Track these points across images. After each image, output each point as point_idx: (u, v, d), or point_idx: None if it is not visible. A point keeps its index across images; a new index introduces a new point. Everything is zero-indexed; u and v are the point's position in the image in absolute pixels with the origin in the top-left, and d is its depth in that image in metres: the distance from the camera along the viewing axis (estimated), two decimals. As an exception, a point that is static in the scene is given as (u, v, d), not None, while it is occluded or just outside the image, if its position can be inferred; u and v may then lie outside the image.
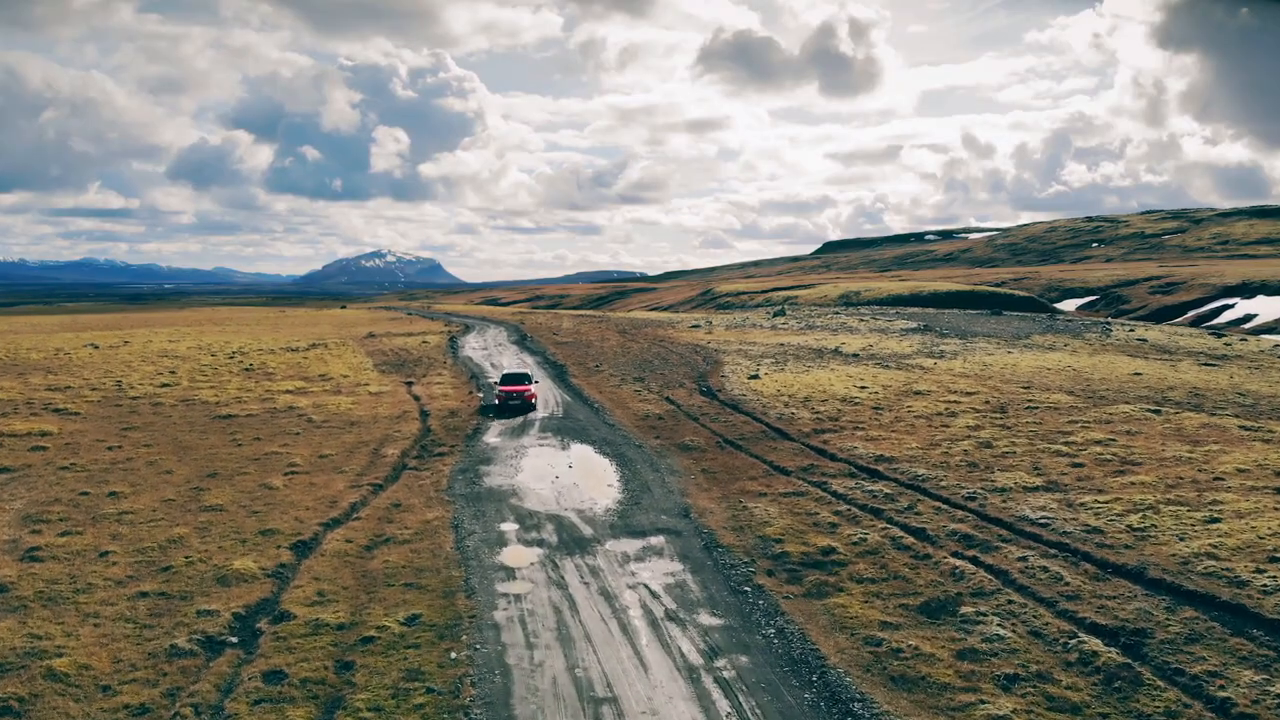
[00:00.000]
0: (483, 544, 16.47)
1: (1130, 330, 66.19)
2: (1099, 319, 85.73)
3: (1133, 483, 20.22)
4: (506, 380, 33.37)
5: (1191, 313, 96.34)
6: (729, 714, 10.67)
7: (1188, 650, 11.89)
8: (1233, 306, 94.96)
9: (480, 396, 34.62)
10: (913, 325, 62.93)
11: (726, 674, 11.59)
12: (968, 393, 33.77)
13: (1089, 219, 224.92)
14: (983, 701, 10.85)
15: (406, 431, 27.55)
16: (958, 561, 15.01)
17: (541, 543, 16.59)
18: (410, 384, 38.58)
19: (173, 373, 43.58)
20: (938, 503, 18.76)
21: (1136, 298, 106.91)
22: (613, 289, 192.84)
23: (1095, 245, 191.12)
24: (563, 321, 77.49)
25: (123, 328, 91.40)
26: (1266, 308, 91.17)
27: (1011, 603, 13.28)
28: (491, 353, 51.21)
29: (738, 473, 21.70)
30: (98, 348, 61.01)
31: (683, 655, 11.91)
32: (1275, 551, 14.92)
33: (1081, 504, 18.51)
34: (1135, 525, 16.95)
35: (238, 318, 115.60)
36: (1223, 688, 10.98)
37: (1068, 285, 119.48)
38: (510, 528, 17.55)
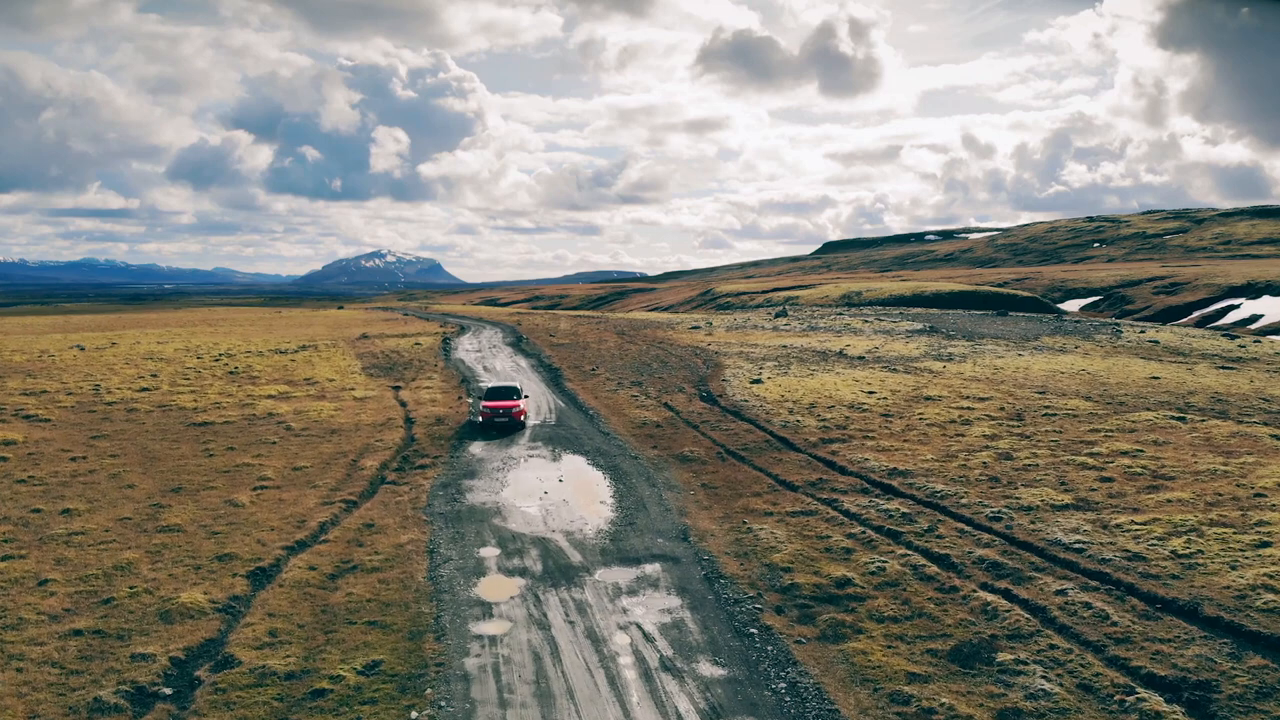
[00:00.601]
0: (459, 573, 14.87)
1: (1141, 332, 64.61)
2: (1106, 320, 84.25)
3: (1169, 500, 18.64)
4: (492, 394, 29.26)
5: (1197, 313, 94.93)
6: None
7: (1262, 708, 10.31)
8: (1238, 307, 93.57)
9: (470, 402, 33.02)
10: (918, 326, 61.35)
11: (731, 739, 10.02)
12: (981, 398, 32.20)
13: (1090, 219, 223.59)
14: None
15: (389, 441, 25.97)
16: (989, 596, 13.43)
17: (524, 572, 14.98)
18: (398, 388, 37.01)
19: (154, 376, 42.07)
20: (960, 524, 17.17)
21: (1141, 298, 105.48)
22: (612, 289, 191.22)
23: (1097, 245, 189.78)
24: (560, 323, 75.90)
25: (114, 329, 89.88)
26: (1273, 308, 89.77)
27: (1054, 647, 11.69)
28: (485, 355, 49.63)
29: (740, 488, 20.11)
30: (83, 349, 59.57)
31: (680, 718, 10.31)
32: (1342, 584, 13.34)
33: (1117, 525, 16.93)
34: (1180, 551, 15.36)
35: (232, 318, 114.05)
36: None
37: (1071, 285, 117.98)
38: (491, 553, 15.94)
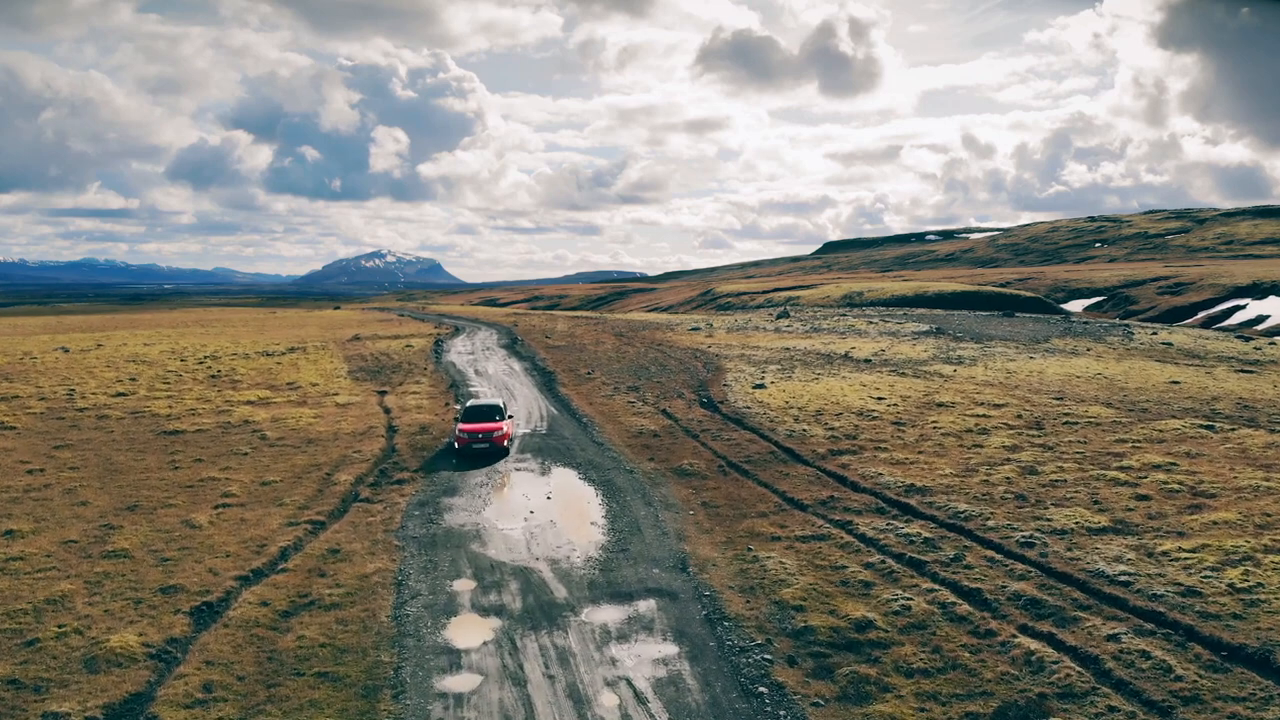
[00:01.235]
0: (427, 612, 13.20)
1: (1153, 333, 62.91)
2: (1115, 321, 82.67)
3: (1215, 522, 16.96)
4: (470, 415, 25.07)
5: (1202, 314, 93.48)
6: None
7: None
8: (1244, 307, 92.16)
9: (458, 409, 31.32)
10: (924, 328, 59.67)
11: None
12: (996, 405, 30.53)
13: (1091, 219, 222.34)
14: None
15: (367, 452, 24.29)
16: (1031, 642, 11.75)
17: (501, 610, 13.28)
18: (383, 393, 35.34)
19: (133, 380, 40.44)
20: (989, 551, 15.48)
21: (1145, 298, 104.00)
22: (612, 289, 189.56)
23: (1098, 245, 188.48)
24: (557, 323, 74.22)
25: (105, 329, 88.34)
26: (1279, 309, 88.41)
27: (1114, 710, 10.03)
28: (478, 358, 47.94)
29: (745, 507, 18.42)
30: (68, 351, 58.09)
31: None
32: None
33: (1163, 553, 15.25)
34: (1237, 584, 13.69)
35: (226, 319, 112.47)
36: None
37: (1074, 286, 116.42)
38: (465, 587, 14.25)
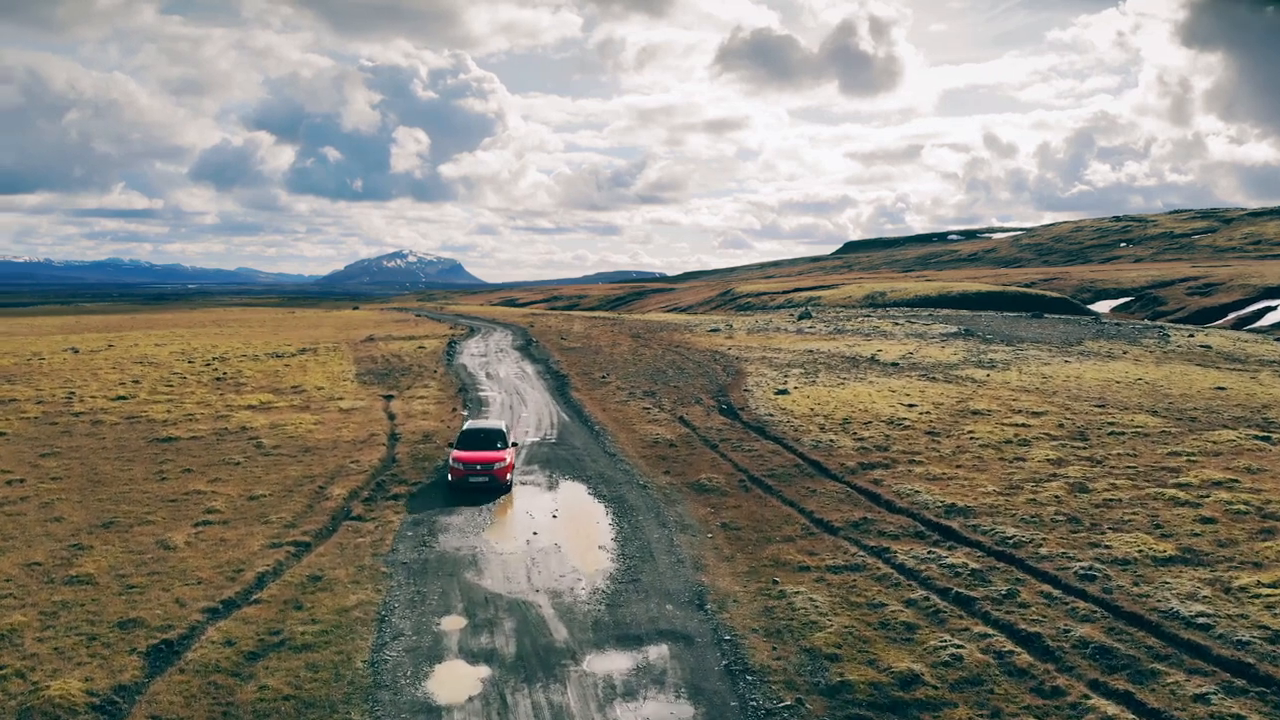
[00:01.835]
0: (409, 657, 11.65)
1: (1190, 336, 60.60)
2: (1147, 323, 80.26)
3: (1295, 550, 15.17)
4: (468, 440, 21.37)
5: (1232, 315, 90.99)
6: None
7: None
8: (1276, 309, 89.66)
9: (465, 415, 29.84)
10: (952, 329, 57.69)
11: None
12: (1035, 413, 28.71)
13: (1116, 218, 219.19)
14: None
15: (365, 462, 22.83)
16: (1107, 704, 10.06)
17: (492, 656, 11.70)
18: (390, 398, 33.92)
19: (136, 382, 39.29)
20: (1045, 585, 13.77)
21: (1174, 299, 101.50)
22: (631, 289, 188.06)
23: (1123, 245, 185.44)
24: (573, 324, 72.74)
25: (120, 329, 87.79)
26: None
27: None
28: (490, 360, 46.50)
29: (769, 529, 16.77)
30: (77, 352, 57.29)
31: None
32: None
33: (1241, 588, 13.49)
34: (1336, 628, 11.93)
35: (243, 319, 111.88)
36: None
37: (1101, 286, 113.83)
38: (454, 625, 12.69)
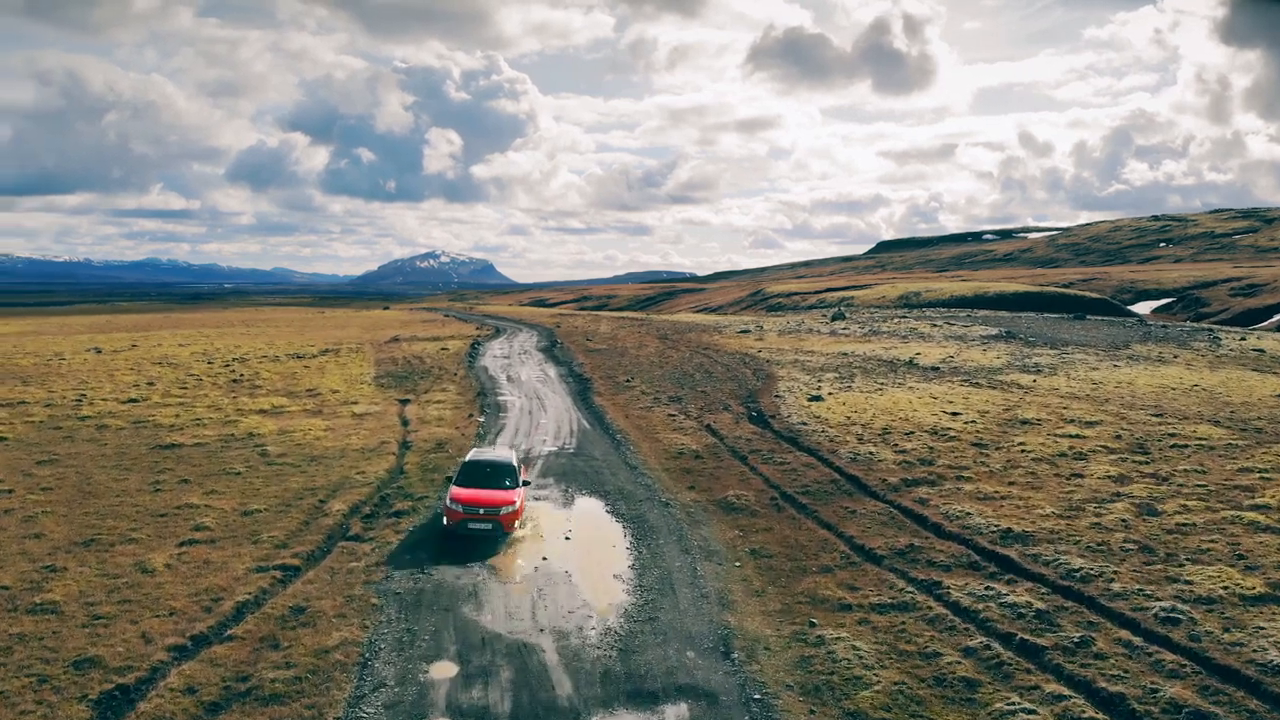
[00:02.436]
0: (386, 715, 10.13)
1: (1241, 339, 57.84)
2: (1195, 325, 77.36)
3: (1407, 589, 13.25)
4: (470, 475, 17.76)
5: (1278, 316, 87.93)
6: None
7: None
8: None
9: (481, 421, 28.42)
10: (993, 331, 55.45)
11: None
12: (1089, 422, 26.74)
13: (1155, 218, 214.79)
14: None
15: (371, 474, 21.43)
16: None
17: (484, 715, 10.15)
18: (406, 402, 32.62)
19: (150, 384, 38.41)
20: (1123, 630, 11.99)
21: (1217, 300, 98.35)
22: (661, 289, 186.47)
23: (1163, 245, 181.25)
24: (600, 325, 71.31)
25: (148, 329, 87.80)
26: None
27: None
28: (512, 362, 45.12)
29: (804, 557, 15.09)
30: (99, 352, 56.89)
31: None
32: None
33: (1356, 637, 11.63)
34: None
35: (273, 319, 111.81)
36: None
37: (1141, 287, 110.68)
38: (444, 673, 11.13)
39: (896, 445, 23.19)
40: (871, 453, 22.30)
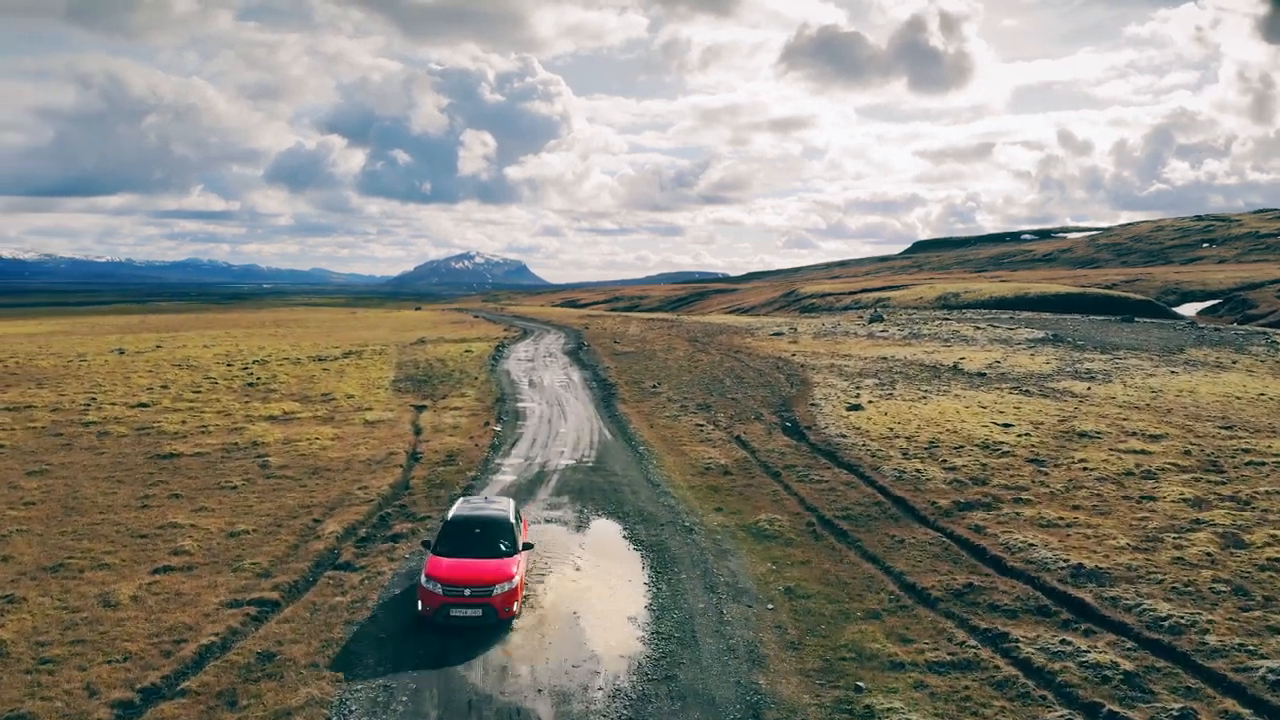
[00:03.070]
0: (345, 806, 8.51)
1: (1304, 342, 54.85)
2: (1247, 329, 74.04)
3: None
4: (454, 537, 13.89)
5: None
6: None
7: None
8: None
9: (497, 430, 26.81)
10: (1039, 334, 52.93)
11: None
12: (1152, 436, 24.57)
13: (1198, 218, 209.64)
14: None
15: (374, 489, 19.86)
16: None
17: (460, 810, 8.48)
18: (421, 409, 31.11)
19: (165, 387, 37.37)
20: (1228, 700, 10.01)
21: (1264, 302, 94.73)
22: (692, 290, 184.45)
23: (1206, 245, 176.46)
24: (629, 326, 69.59)
25: (178, 329, 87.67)
26: None
27: None
28: (536, 366, 43.52)
29: (847, 599, 13.20)
30: (122, 353, 56.33)
31: None
32: None
33: None
34: None
35: (304, 319, 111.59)
36: None
37: (1186, 288, 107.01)
38: (420, 750, 9.51)
39: (945, 461, 21.20)
40: (918, 470, 20.32)
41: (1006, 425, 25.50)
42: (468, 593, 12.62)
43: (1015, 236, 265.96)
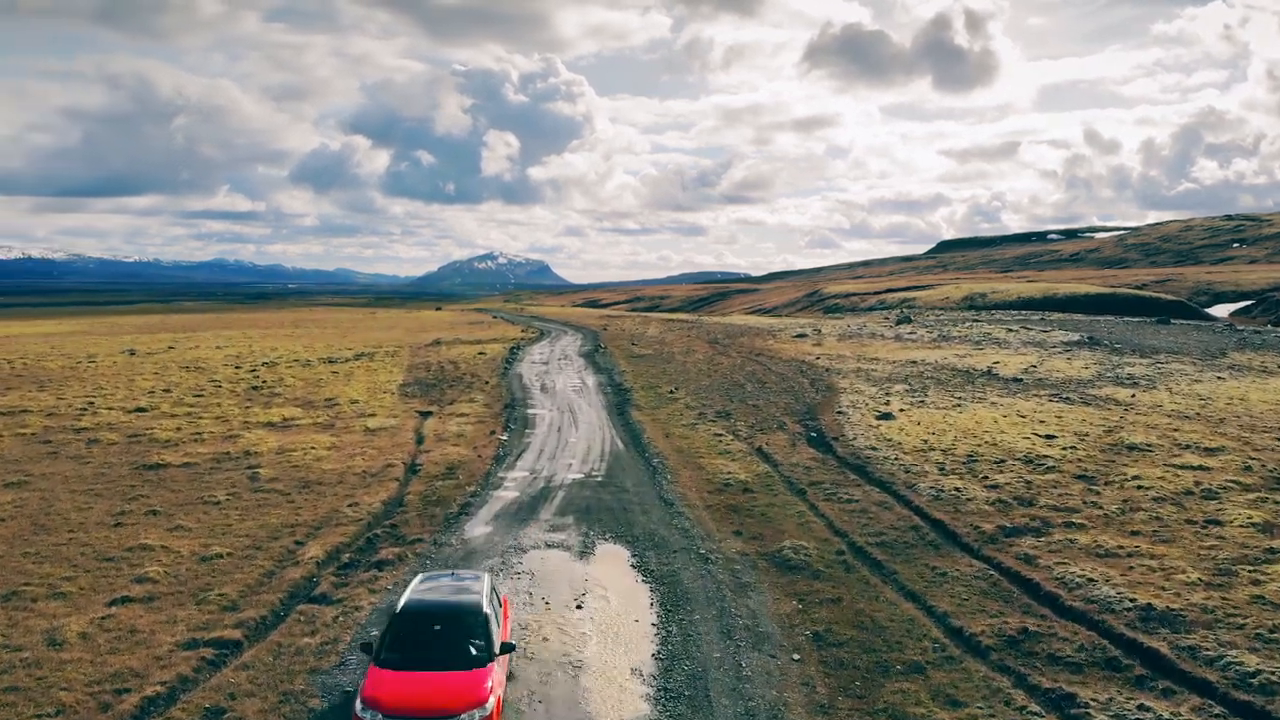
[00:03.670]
0: None
1: (1351, 345, 52.36)
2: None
3: None
4: (403, 639, 10.26)
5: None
6: None
7: None
8: None
9: (503, 440, 25.30)
10: (1074, 337, 50.79)
11: None
12: (1208, 449, 22.67)
13: (1228, 217, 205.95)
14: None
15: (365, 507, 18.38)
16: None
17: None
18: (427, 415, 29.69)
19: (167, 391, 36.30)
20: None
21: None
22: (714, 290, 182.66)
23: (1236, 245, 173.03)
24: (648, 328, 68.03)
25: (196, 329, 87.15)
26: None
27: None
28: (550, 369, 42.03)
29: (884, 646, 11.50)
30: (133, 354, 55.55)
31: None
32: None
33: None
34: None
35: (322, 319, 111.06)
36: None
37: (1218, 288, 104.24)
38: None
39: (986, 478, 19.43)
40: (958, 489, 18.57)
41: (1049, 437, 23.66)
42: None
43: (1041, 236, 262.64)
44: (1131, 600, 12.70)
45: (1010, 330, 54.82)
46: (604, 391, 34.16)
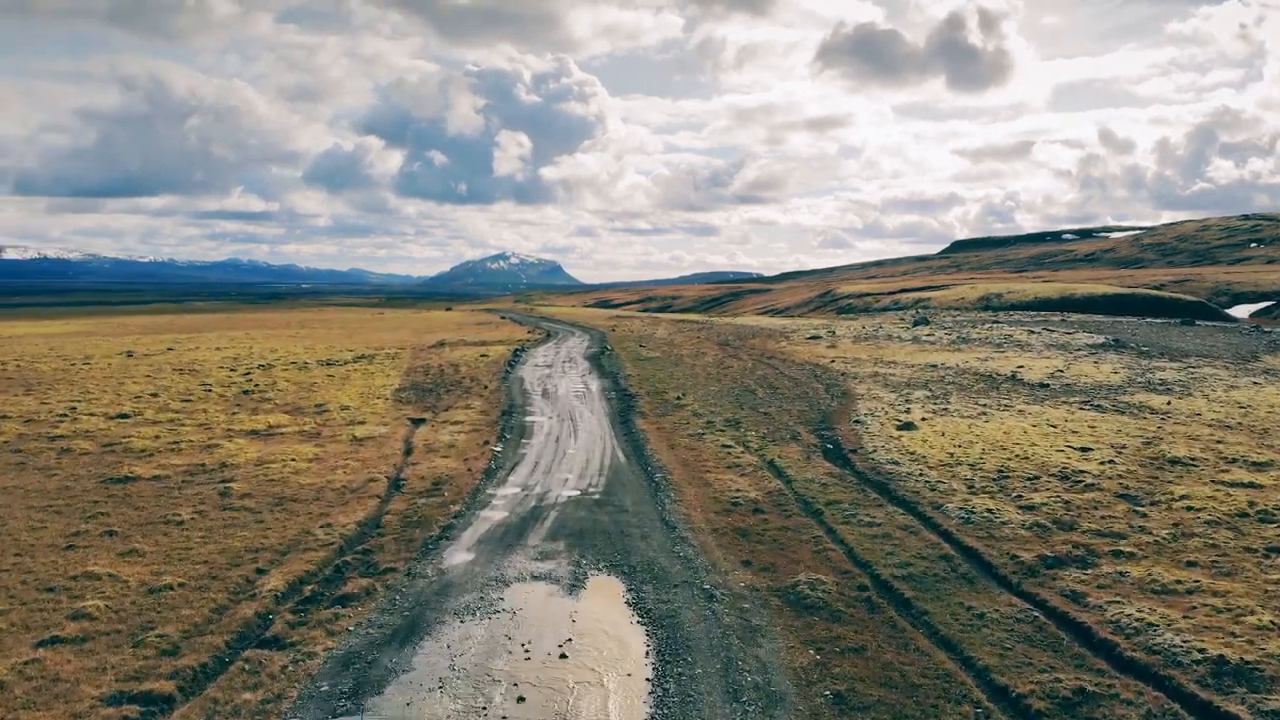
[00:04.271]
0: None
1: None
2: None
3: None
4: None
5: (1388, 320, 79.99)
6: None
7: None
8: None
9: (497, 451, 23.71)
10: (1099, 339, 48.87)
11: None
12: (1255, 464, 20.90)
13: (1245, 217, 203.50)
14: None
15: (337, 529, 16.81)
16: None
17: None
18: (419, 422, 28.17)
19: (154, 395, 34.85)
20: None
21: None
22: (726, 290, 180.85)
23: (1254, 245, 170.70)
24: (658, 329, 66.37)
25: (201, 330, 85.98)
26: None
27: None
28: (553, 373, 40.44)
29: (917, 711, 9.78)
30: (131, 355, 54.35)
31: None
32: None
33: None
34: None
35: (329, 319, 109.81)
36: None
37: (1237, 289, 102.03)
38: None
39: (1020, 498, 17.71)
40: (990, 510, 16.85)
41: (1085, 450, 21.90)
42: None
43: (1056, 236, 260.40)
44: (1200, 650, 10.99)
45: (1031, 332, 52.88)
46: (608, 397, 32.53)
